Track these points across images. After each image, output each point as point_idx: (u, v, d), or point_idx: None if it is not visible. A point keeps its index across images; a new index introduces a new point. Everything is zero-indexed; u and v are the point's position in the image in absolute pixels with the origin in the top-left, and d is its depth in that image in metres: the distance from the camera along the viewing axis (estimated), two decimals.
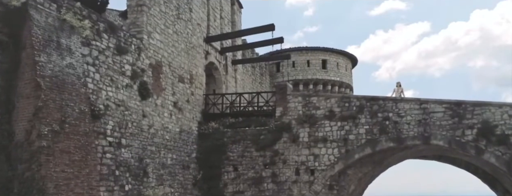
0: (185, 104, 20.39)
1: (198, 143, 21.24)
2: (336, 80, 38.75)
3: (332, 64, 38.89)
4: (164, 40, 18.71)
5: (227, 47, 25.80)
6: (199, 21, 22.68)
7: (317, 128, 19.93)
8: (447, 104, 18.13)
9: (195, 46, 21.90)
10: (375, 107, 19.19)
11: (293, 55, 38.72)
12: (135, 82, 16.17)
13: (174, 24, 19.70)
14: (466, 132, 17.63)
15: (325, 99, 20.15)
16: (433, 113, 18.25)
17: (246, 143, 20.93)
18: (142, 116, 16.49)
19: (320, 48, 38.64)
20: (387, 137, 18.71)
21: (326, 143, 19.65)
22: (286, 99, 20.80)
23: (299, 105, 20.55)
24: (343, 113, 19.68)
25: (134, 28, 16.97)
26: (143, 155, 16.13)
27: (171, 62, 19.21)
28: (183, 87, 20.22)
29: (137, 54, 16.47)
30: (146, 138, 16.62)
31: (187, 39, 21.05)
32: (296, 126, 20.29)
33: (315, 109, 20.19)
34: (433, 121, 18.16)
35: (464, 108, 17.87)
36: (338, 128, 19.62)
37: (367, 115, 19.25)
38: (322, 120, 19.93)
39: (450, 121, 17.94)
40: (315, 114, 20.12)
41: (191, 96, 21.04)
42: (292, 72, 38.53)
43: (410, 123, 18.50)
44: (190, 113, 20.85)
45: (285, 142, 20.32)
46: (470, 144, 17.48)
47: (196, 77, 21.87)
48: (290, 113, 20.59)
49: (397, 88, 21.68)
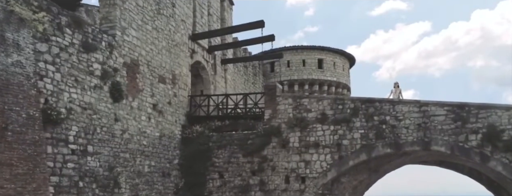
0: (167, 106, 18.90)
1: (181, 148, 19.75)
2: (333, 80, 37.19)
3: (329, 64, 37.35)
4: (141, 37, 17.22)
5: (215, 46, 24.31)
6: (184, 17, 21.20)
7: (309, 132, 18.45)
8: (449, 107, 16.64)
9: (178, 44, 20.42)
10: (371, 110, 17.71)
11: (288, 54, 37.28)
12: (105, 82, 14.68)
13: (154, 20, 18.20)
14: (470, 137, 16.13)
15: (317, 101, 18.66)
16: (433, 116, 16.75)
17: (233, 148, 19.46)
18: (114, 120, 15.00)
19: (316, 47, 37.09)
20: (383, 142, 17.22)
21: (318, 148, 18.16)
22: (275, 101, 19.32)
23: (289, 107, 19.07)
24: (336, 116, 18.19)
25: (106, 23, 15.47)
26: (114, 163, 14.63)
27: (150, 61, 17.72)
28: (164, 88, 18.74)
29: (108, 52, 14.97)
30: (119, 144, 15.12)
31: (169, 37, 19.56)
32: (286, 130, 18.81)
33: (306, 112, 18.71)
34: (433, 125, 16.66)
35: (467, 111, 16.38)
36: (331, 132, 18.13)
37: (362, 118, 17.76)
38: (313, 124, 18.44)
39: (452, 125, 16.44)
40: (307, 117, 18.64)
41: (173, 97, 19.56)
42: (287, 72, 37.02)
43: (408, 127, 17.00)
44: (172, 116, 19.36)
45: (274, 147, 18.84)
46: (475, 151, 15.98)
47: (180, 77, 20.39)
48: (280, 116, 19.10)
49: (395, 89, 20.09)
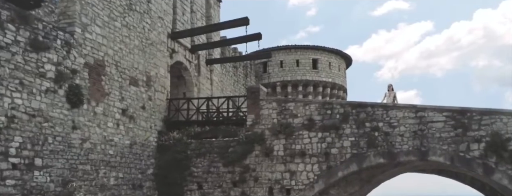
0: (140, 111, 17.26)
1: (156, 156, 18.12)
2: (328, 81, 35.57)
3: (324, 64, 35.72)
4: (108, 35, 15.57)
5: (198, 45, 22.65)
6: (162, 14, 19.55)
7: (294, 139, 16.80)
8: (449, 112, 14.97)
9: (155, 43, 18.78)
10: (362, 115, 16.05)
11: (281, 54, 35.72)
12: (61, 86, 13.02)
13: (124, 16, 16.56)
14: (472, 147, 14.46)
15: (303, 105, 17.01)
16: (431, 123, 15.09)
17: (213, 157, 17.82)
18: (72, 128, 13.35)
19: (310, 47, 35.46)
20: (376, 151, 15.56)
21: (304, 157, 16.52)
22: (258, 105, 17.67)
23: (273, 112, 17.42)
24: (324, 122, 16.54)
25: (64, 19, 13.81)
26: (70, 177, 12.98)
27: (119, 62, 16.08)
28: (136, 91, 17.10)
29: (65, 52, 13.31)
30: (77, 155, 13.47)
31: (144, 35, 17.92)
32: (270, 137, 17.17)
33: (292, 117, 17.06)
34: (431, 133, 15.01)
35: (469, 117, 14.71)
36: (318, 140, 16.48)
37: (352, 124, 16.11)
38: (300, 130, 16.80)
39: (452, 133, 14.78)
40: (292, 123, 16.99)
41: (148, 101, 17.92)
42: (280, 73, 35.40)
43: (403, 135, 15.34)
44: (146, 122, 17.72)
45: (257, 156, 17.20)
46: (477, 162, 14.31)
47: (157, 79, 18.75)
48: (263, 122, 17.46)
49: (389, 92, 18.35)
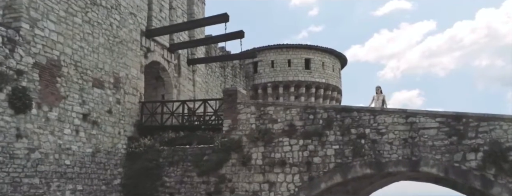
0: (105, 115, 15.76)
1: (126, 165, 16.63)
2: (322, 82, 33.98)
3: (317, 64, 34.15)
4: (65, 31, 14.07)
5: (177, 44, 21.15)
6: (134, 10, 18.06)
7: (274, 147, 15.29)
8: (442, 118, 13.43)
9: (125, 41, 17.28)
10: (348, 121, 14.52)
11: (272, 53, 34.18)
12: (1, 88, 11.54)
13: (86, 11, 15.06)
14: (469, 157, 12.92)
15: (284, 110, 15.49)
16: (423, 129, 13.56)
17: (186, 166, 16.33)
18: (16, 136, 11.85)
19: (303, 46, 33.90)
20: (362, 161, 14.03)
21: (284, 167, 15.01)
22: (235, 109, 16.16)
23: (252, 116, 15.91)
24: (306, 128, 15.02)
25: (10, 13, 12.33)
26: (11, 193, 11.48)
27: (79, 61, 14.58)
28: (101, 94, 15.60)
29: (8, 50, 11.83)
30: (22, 167, 11.97)
31: (111, 32, 16.42)
32: (247, 145, 15.66)
33: (271, 122, 15.55)
34: (423, 141, 13.47)
35: (465, 123, 13.17)
36: (300, 147, 14.97)
37: (337, 131, 14.59)
38: (280, 137, 15.29)
39: (446, 141, 13.24)
40: (272, 128, 15.48)
41: (116, 104, 16.42)
42: (271, 73, 33.84)
43: (392, 143, 13.81)
44: (114, 127, 16.22)
45: (233, 165, 15.70)
46: (474, 173, 12.76)
47: (127, 80, 17.26)
48: (241, 127, 15.95)
49: (377, 95, 16.72)
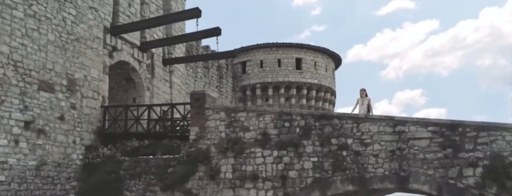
0: (56, 123, 13.96)
1: (82, 178, 14.83)
2: (314, 83, 32.14)
3: (309, 64, 32.30)
4: (2, 26, 12.28)
5: (148, 42, 19.33)
6: (95, 3, 16.25)
7: (245, 159, 13.47)
8: (435, 127, 11.57)
9: (83, 39, 15.48)
10: (328, 130, 12.69)
11: (261, 53, 32.35)
12: None
13: (30, 3, 13.25)
14: (466, 172, 11.07)
15: (256, 116, 13.66)
16: (413, 140, 11.71)
17: (149, 179, 14.50)
18: None
19: (294, 45, 32.05)
20: (344, 175, 12.19)
21: (256, 182, 13.18)
22: (204, 114, 14.34)
23: (221, 124, 14.09)
24: (281, 137, 13.19)
25: None
26: None
27: (19, 61, 12.78)
28: (50, 98, 13.80)
29: None
30: None
31: (64, 28, 14.61)
32: (216, 156, 13.84)
33: (243, 131, 13.72)
34: (413, 153, 11.63)
35: (461, 133, 11.31)
36: (274, 159, 13.14)
37: (315, 141, 12.75)
38: (252, 147, 13.47)
39: (440, 154, 11.40)
40: (243, 137, 13.66)
41: (70, 110, 14.61)
42: (260, 74, 32.01)
43: (378, 155, 11.98)
44: (67, 136, 14.42)
45: (200, 179, 13.88)
46: (472, 192, 10.90)
47: (85, 82, 15.46)
48: (209, 136, 14.13)
49: (361, 99, 14.80)
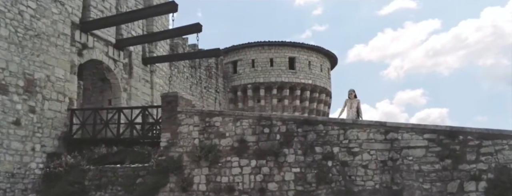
0: (10, 128, 12.52)
1: (41, 189, 13.40)
2: (308, 83, 30.73)
3: (302, 63, 30.89)
4: None
5: (124, 40, 17.89)
6: None
7: (221, 169, 12.03)
8: (432, 134, 10.13)
9: (45, 35, 14.04)
10: (311, 136, 11.25)
11: (253, 52, 30.97)
12: None
13: None
14: (467, 187, 9.62)
15: (233, 121, 12.22)
16: (408, 149, 10.28)
17: (116, 190, 13.06)
18: None
19: (287, 43, 30.62)
20: (329, 189, 10.75)
21: (233, 194, 11.74)
22: (176, 119, 12.90)
23: (195, 129, 12.65)
24: (260, 144, 11.75)
25: None
26: None
27: None
28: (2, 101, 12.37)
29: None
30: None
31: (21, 23, 13.18)
32: (189, 165, 12.40)
33: (218, 137, 12.29)
34: (407, 164, 10.19)
35: (462, 141, 9.87)
36: (252, 170, 11.70)
37: (297, 149, 11.31)
38: (228, 156, 12.03)
39: (437, 165, 9.96)
40: (218, 145, 12.22)
41: (28, 114, 13.18)
42: (252, 74, 30.61)
43: (368, 166, 10.54)
44: (24, 143, 12.99)
45: (171, 191, 12.43)
46: None
47: (48, 83, 14.02)
48: (181, 143, 12.69)
49: (350, 100, 13.30)
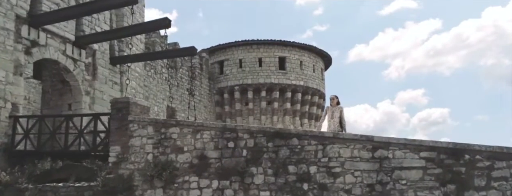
0: None
1: None
2: (299, 85, 28.68)
3: (293, 64, 28.85)
4: None
5: (85, 36, 15.87)
6: None
7: (177, 190, 10.01)
8: (431, 152, 8.09)
9: None
10: (284, 153, 9.23)
11: (241, 51, 28.92)
12: None
13: None
14: None
15: (193, 133, 10.20)
16: (400, 170, 8.25)
17: None
18: None
19: (276, 42, 28.55)
20: None
21: None
22: (127, 130, 10.88)
23: (148, 142, 10.63)
24: (224, 161, 9.74)
25: None
26: None
27: None
28: None
29: None
30: None
31: None
32: (141, 185, 10.38)
33: (175, 152, 10.27)
34: (400, 189, 8.17)
35: (469, 162, 7.83)
36: (213, 192, 9.67)
37: (267, 168, 9.29)
38: (186, 175, 10.01)
39: (437, 191, 7.93)
40: (175, 161, 10.20)
41: None
42: (239, 74, 28.56)
43: (351, 191, 8.51)
44: None
45: None
46: None
47: None
48: (133, 158, 10.67)
49: (331, 108, 11.17)
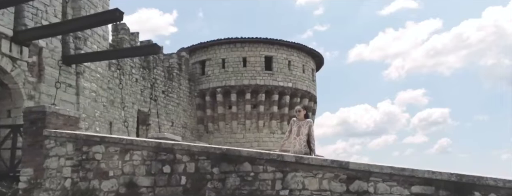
0: None
1: None
2: (287, 87, 26.42)
3: (281, 64, 26.58)
4: None
5: (25, 31, 13.57)
6: None
7: None
8: (426, 187, 5.77)
9: None
10: (233, 182, 6.92)
11: (223, 50, 26.65)
12: None
13: None
14: None
15: (120, 153, 7.89)
16: None
17: None
18: None
19: (262, 40, 26.29)
20: None
21: None
22: (41, 147, 8.58)
23: (67, 163, 8.33)
24: (157, 191, 7.43)
25: None
26: None
27: None
28: None
29: None
30: None
31: None
32: None
33: (99, 177, 7.96)
34: None
35: None
36: None
37: None
38: None
39: None
40: (98, 189, 7.90)
41: None
42: (222, 75, 26.31)
43: None
44: None
45: None
46: None
47: None
48: (48, 185, 8.37)
49: (297, 122, 8.61)
